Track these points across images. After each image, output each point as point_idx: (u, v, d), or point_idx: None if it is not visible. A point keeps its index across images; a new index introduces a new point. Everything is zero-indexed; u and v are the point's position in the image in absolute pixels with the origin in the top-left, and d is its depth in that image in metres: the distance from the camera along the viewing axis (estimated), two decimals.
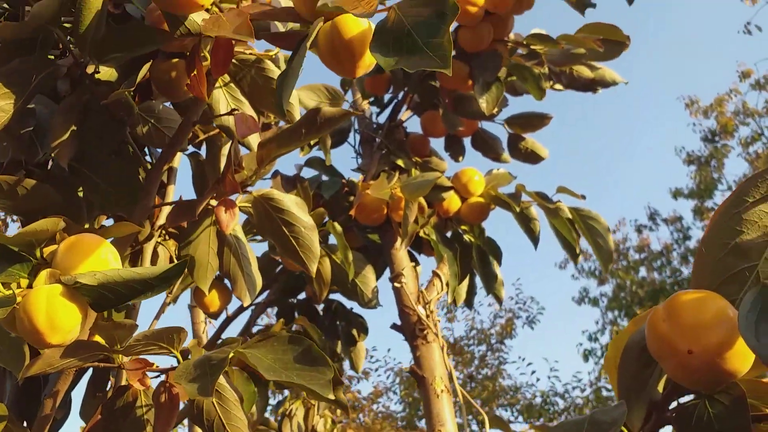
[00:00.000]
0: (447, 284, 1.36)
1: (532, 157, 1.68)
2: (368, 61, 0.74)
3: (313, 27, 0.71)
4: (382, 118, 1.73)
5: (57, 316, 0.61)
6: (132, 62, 0.91)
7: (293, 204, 0.92)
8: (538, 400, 8.81)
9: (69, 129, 0.83)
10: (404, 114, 1.70)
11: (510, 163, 1.70)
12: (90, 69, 0.86)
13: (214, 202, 0.90)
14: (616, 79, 1.54)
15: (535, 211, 1.58)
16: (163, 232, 1.13)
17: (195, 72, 0.77)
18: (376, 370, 7.76)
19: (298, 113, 1.00)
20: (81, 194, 0.94)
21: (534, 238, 1.57)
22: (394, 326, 1.38)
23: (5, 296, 0.63)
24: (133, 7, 0.94)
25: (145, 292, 0.64)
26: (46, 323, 0.61)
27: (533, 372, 9.07)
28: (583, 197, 1.49)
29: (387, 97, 1.73)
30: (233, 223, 0.88)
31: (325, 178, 1.67)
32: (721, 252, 0.58)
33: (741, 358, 0.52)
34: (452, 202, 1.54)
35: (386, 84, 1.62)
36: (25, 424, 0.92)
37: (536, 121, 1.68)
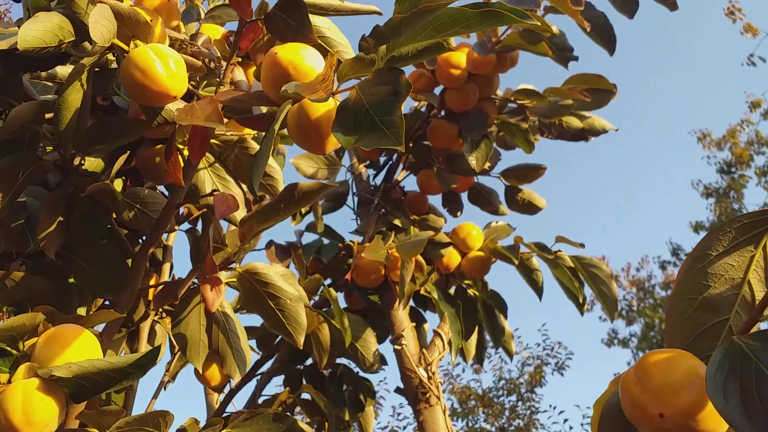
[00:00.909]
0: (449, 343, 1.34)
1: (529, 208, 1.69)
2: (335, 140, 0.76)
3: (281, 110, 0.73)
4: (380, 180, 1.76)
5: (33, 411, 0.62)
6: (117, 151, 0.95)
7: (278, 276, 0.92)
8: None
9: (56, 220, 0.86)
10: (400, 174, 1.72)
11: (508, 214, 1.70)
12: (77, 160, 0.89)
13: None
14: (605, 127, 1.56)
15: (537, 261, 1.58)
16: (160, 310, 1.14)
17: (171, 158, 0.80)
18: None
19: (281, 185, 1.03)
20: (72, 280, 0.96)
21: (538, 290, 1.56)
22: (398, 390, 1.36)
23: None
24: (120, 98, 0.98)
25: (123, 380, 0.65)
26: (23, 419, 0.61)
27: (566, 420, 8.75)
28: (582, 246, 1.48)
29: (383, 158, 1.76)
30: (219, 300, 0.89)
31: (326, 241, 1.68)
32: (691, 307, 0.57)
33: (716, 419, 0.50)
34: (452, 257, 1.53)
35: (379, 149, 1.65)
36: None
37: (531, 172, 1.69)
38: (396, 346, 1.32)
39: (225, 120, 0.82)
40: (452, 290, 1.61)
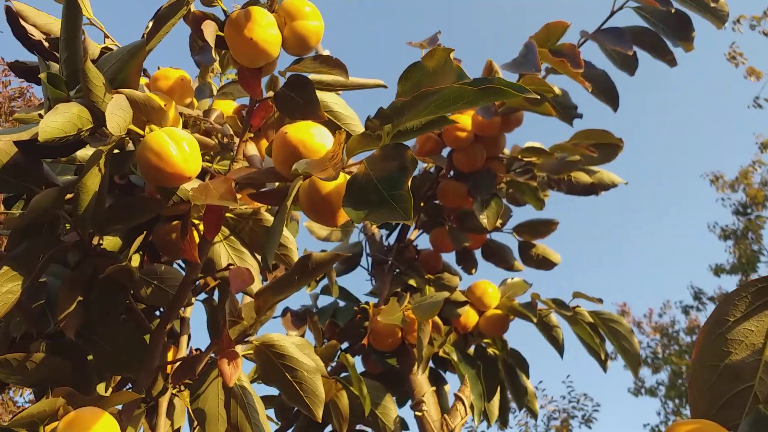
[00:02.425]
0: (471, 406, 1.32)
1: (544, 264, 1.68)
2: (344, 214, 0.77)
3: (292, 186, 0.75)
4: (393, 239, 1.76)
5: None
6: (134, 229, 0.97)
7: (295, 348, 0.92)
8: None
9: (75, 301, 0.87)
10: (413, 233, 1.73)
11: (523, 270, 1.69)
12: (95, 240, 0.91)
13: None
14: (615, 181, 1.56)
15: (556, 318, 1.56)
16: (178, 383, 1.13)
17: (187, 237, 0.82)
18: None
19: (296, 254, 1.04)
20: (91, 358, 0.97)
21: (558, 347, 1.53)
22: None
23: None
24: (136, 177, 1.01)
25: None
26: None
27: None
28: (600, 301, 1.46)
29: None
30: (237, 375, 0.88)
31: (341, 303, 1.68)
32: (713, 375, 0.56)
33: None
34: (469, 316, 1.52)
35: None
36: None
37: (543, 227, 1.69)
38: (417, 413, 1.30)
39: (238, 195, 0.84)
40: (471, 350, 1.59)
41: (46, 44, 1.35)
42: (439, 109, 0.63)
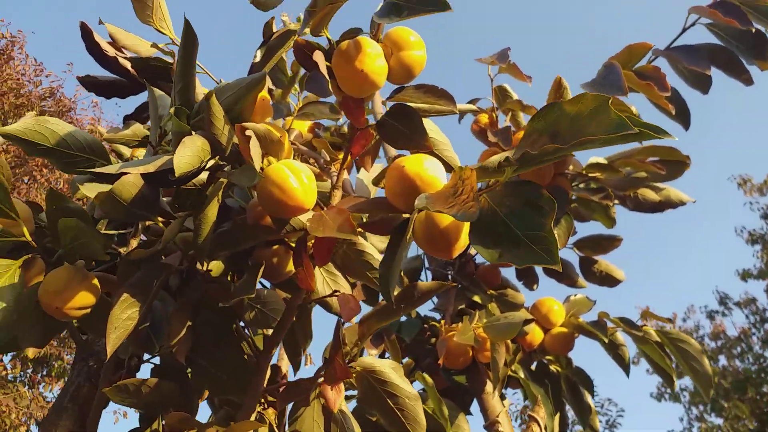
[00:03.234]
0: (545, 428, 1.32)
1: (608, 281, 1.67)
2: (463, 244, 0.78)
3: (412, 219, 0.76)
4: None
5: None
6: (236, 253, 0.99)
7: (395, 374, 0.93)
8: None
9: (185, 326, 0.89)
10: (472, 248, 1.74)
11: (586, 287, 1.69)
12: (202, 265, 0.93)
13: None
14: (683, 199, 1.55)
15: (622, 336, 1.55)
16: (263, 400, 1.15)
17: (303, 266, 0.83)
18: None
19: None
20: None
21: (625, 366, 1.53)
22: None
23: None
24: (232, 200, 1.03)
25: None
26: None
27: None
28: (670, 321, 1.45)
29: None
30: (340, 400, 0.90)
31: (403, 318, 1.69)
32: None
33: None
34: (535, 334, 1.52)
35: None
36: None
37: (606, 243, 1.69)
38: None
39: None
40: (533, 366, 1.59)
41: (127, 63, 1.38)
42: (563, 151, 0.63)
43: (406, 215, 0.82)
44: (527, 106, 1.51)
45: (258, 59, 0.91)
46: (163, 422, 0.88)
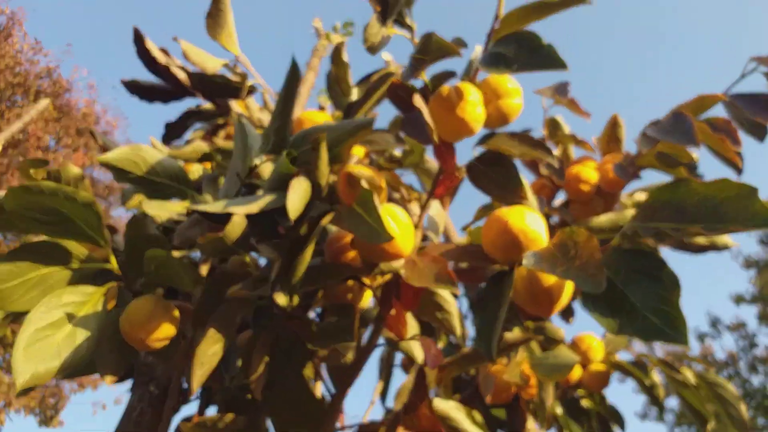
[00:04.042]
0: None
1: None
2: (564, 303, 0.78)
3: (514, 276, 0.76)
4: None
5: None
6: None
7: (464, 418, 0.93)
8: None
9: (263, 361, 0.88)
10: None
11: None
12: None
13: None
14: (728, 244, 1.56)
15: (657, 376, 1.56)
16: None
17: (393, 312, 0.82)
18: None
19: (456, 318, 1.04)
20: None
21: (659, 405, 1.53)
22: None
23: None
24: None
25: None
26: None
27: None
28: (709, 364, 1.46)
29: None
30: None
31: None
32: None
33: None
34: (574, 371, 1.52)
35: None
36: None
37: None
38: None
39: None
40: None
41: (179, 72, 1.37)
42: (712, 230, 0.63)
43: (498, 266, 0.82)
44: (580, 140, 1.52)
45: (355, 97, 0.90)
46: None
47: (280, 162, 0.76)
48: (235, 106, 1.47)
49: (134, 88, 1.51)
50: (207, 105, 1.49)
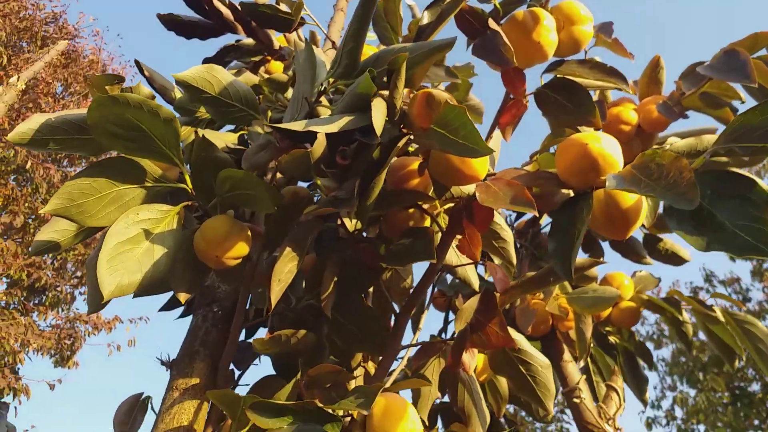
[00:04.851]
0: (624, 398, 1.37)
1: (673, 259, 1.70)
2: (638, 225, 0.79)
3: (593, 198, 0.77)
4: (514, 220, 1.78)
5: None
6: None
7: (525, 342, 0.96)
8: None
9: (333, 281, 0.90)
10: (541, 219, 1.75)
11: (652, 264, 1.72)
12: (350, 225, 0.94)
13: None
14: None
15: (686, 314, 1.59)
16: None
17: (466, 234, 0.84)
18: None
19: (512, 248, 1.06)
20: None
21: (687, 342, 1.58)
22: None
23: None
24: None
25: None
26: None
27: None
28: (742, 304, 1.50)
29: None
30: (474, 364, 0.92)
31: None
32: None
33: None
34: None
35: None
36: None
37: None
38: (574, 399, 1.35)
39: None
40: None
41: (221, 6, 1.35)
42: None
43: (566, 191, 0.83)
44: (620, 45, 1.51)
45: (426, 21, 0.89)
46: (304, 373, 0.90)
47: (361, 81, 0.76)
48: (276, 42, 1.45)
49: (172, 24, 1.48)
50: (247, 41, 1.47)
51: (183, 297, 0.89)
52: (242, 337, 1.15)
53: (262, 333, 1.17)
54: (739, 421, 9.43)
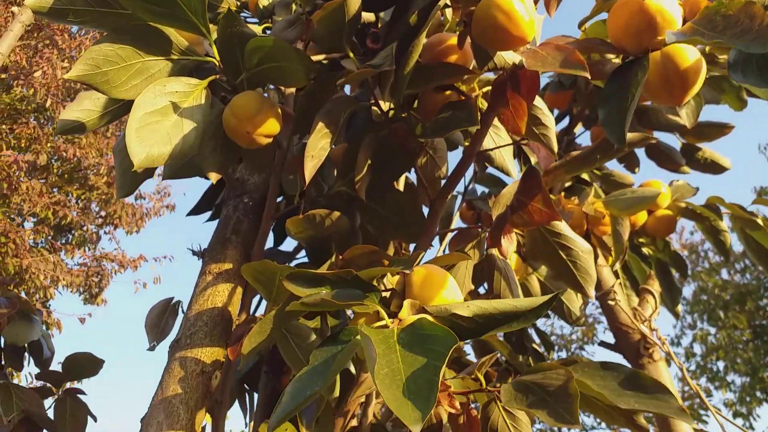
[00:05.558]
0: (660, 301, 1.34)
1: (713, 168, 1.64)
2: (696, 90, 0.74)
3: (648, 59, 0.72)
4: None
5: None
6: (407, 96, 0.95)
7: (566, 227, 0.93)
8: None
9: (367, 163, 0.87)
10: (575, 128, 1.69)
11: (690, 173, 1.66)
12: (384, 105, 0.89)
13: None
14: None
15: (724, 223, 1.55)
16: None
17: (510, 106, 0.79)
18: None
19: (553, 133, 1.01)
20: None
21: (725, 251, 1.53)
22: (603, 344, 1.37)
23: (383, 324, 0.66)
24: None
25: (518, 321, 0.66)
26: None
27: None
28: None
29: (555, 111, 1.72)
30: (512, 248, 0.89)
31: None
32: None
33: None
34: (640, 214, 1.52)
35: (568, 100, 1.62)
36: None
37: (712, 130, 1.64)
38: (609, 301, 1.33)
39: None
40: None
41: None
42: None
43: (615, 60, 0.78)
44: None
45: None
46: (340, 256, 0.88)
47: None
48: None
49: None
50: None
51: (214, 177, 0.86)
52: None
53: None
54: (759, 357, 9.45)
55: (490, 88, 0.93)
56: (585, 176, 1.58)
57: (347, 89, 1.10)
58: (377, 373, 0.52)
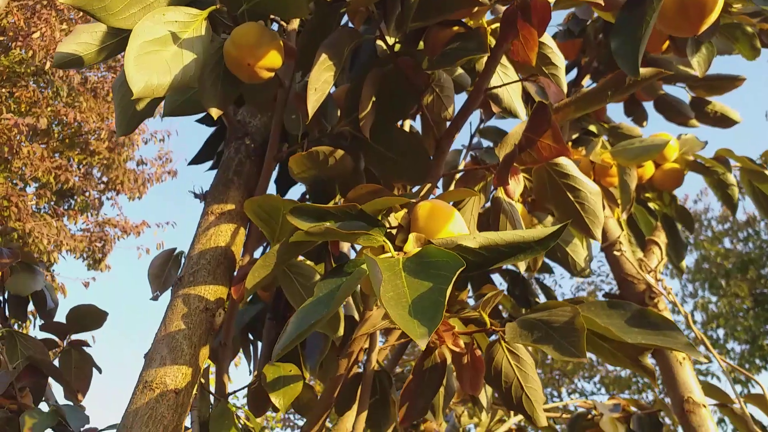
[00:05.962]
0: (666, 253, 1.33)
1: (722, 121, 1.61)
2: (713, 17, 0.71)
3: None
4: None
5: None
6: (412, 31, 0.92)
7: (576, 169, 0.91)
8: (625, 372, 8.72)
9: (372, 100, 0.85)
10: (584, 80, 1.66)
11: (699, 127, 1.63)
12: (389, 39, 0.87)
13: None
14: None
15: (732, 178, 1.53)
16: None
17: (520, 36, 0.77)
18: None
19: (563, 74, 0.99)
20: None
21: (732, 206, 1.52)
22: (608, 296, 1.37)
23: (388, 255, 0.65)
24: None
25: (526, 253, 0.64)
26: None
27: None
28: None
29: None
30: (520, 190, 0.88)
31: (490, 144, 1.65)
32: None
33: None
34: (646, 168, 1.50)
35: (577, 49, 1.59)
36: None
37: (722, 83, 1.60)
38: (615, 252, 1.31)
39: None
40: None
41: None
42: None
43: None
44: None
45: None
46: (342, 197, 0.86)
47: None
48: None
49: None
50: None
51: (215, 113, 0.84)
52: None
53: None
54: (759, 324, 9.52)
55: (498, 24, 0.90)
56: (593, 128, 1.56)
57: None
58: (383, 294, 0.52)
